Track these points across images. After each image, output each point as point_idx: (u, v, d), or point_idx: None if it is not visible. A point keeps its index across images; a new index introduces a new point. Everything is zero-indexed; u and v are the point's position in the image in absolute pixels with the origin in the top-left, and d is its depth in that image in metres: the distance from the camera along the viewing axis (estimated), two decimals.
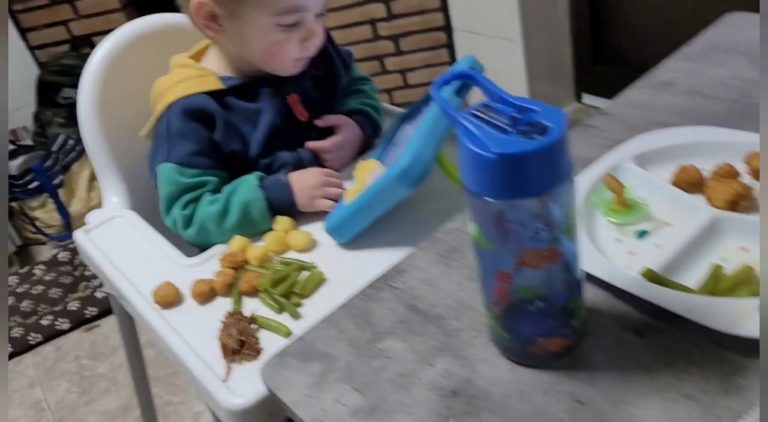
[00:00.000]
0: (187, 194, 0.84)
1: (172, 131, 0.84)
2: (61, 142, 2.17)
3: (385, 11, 2.37)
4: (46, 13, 2.38)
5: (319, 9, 0.84)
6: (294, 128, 0.90)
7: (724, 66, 0.85)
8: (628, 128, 0.78)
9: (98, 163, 0.97)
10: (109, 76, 0.97)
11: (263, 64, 0.87)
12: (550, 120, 0.45)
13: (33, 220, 2.17)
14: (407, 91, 2.55)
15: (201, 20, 0.83)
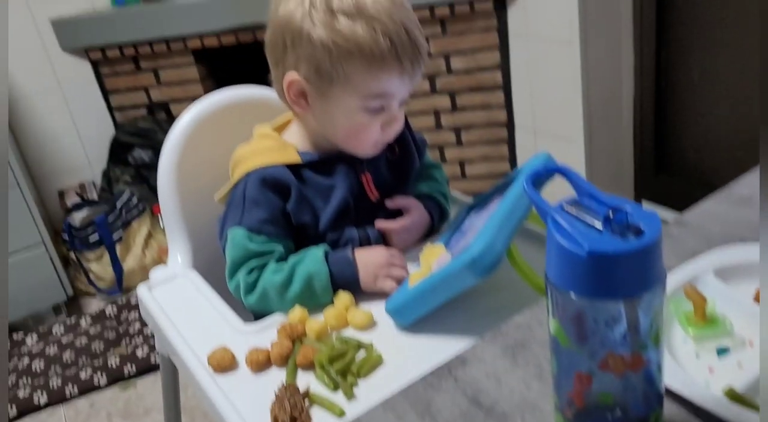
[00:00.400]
0: (253, 260, 0.85)
1: (248, 197, 0.86)
2: (126, 199, 2.25)
3: (449, 103, 2.44)
4: (130, 78, 2.52)
5: (404, 97, 0.87)
6: (364, 206, 0.92)
7: None
8: (706, 240, 0.76)
9: (169, 221, 1.00)
10: (190, 140, 1.01)
11: (343, 144, 0.89)
12: (644, 222, 0.45)
13: (87, 272, 2.21)
14: (464, 183, 2.57)
15: (291, 96, 0.86)
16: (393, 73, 0.81)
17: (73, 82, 2.48)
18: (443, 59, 2.37)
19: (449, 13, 2.25)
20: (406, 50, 0.81)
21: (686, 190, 2.13)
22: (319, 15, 0.80)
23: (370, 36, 0.79)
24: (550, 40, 2.11)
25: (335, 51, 0.80)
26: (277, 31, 0.85)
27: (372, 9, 0.80)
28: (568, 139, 2.21)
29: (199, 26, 2.35)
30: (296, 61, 0.83)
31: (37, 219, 2.04)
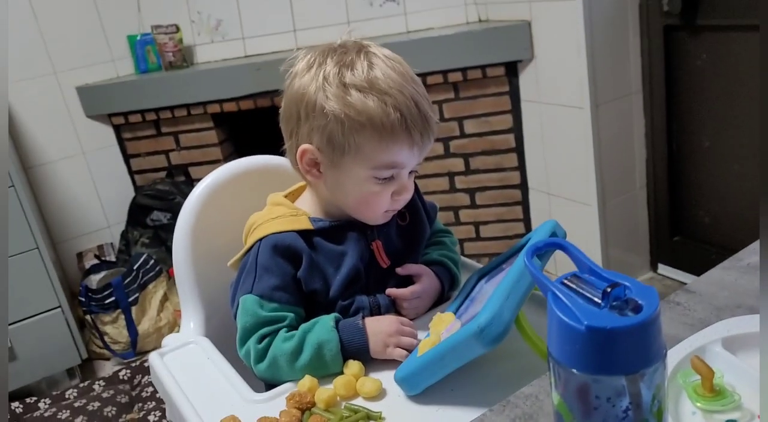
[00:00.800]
0: (263, 328, 0.85)
1: (260, 264, 0.88)
2: (142, 261, 2.27)
3: (463, 165, 2.47)
4: (151, 142, 2.59)
5: (414, 167, 0.89)
6: (375, 273, 0.93)
7: None
8: (715, 309, 0.76)
9: (182, 288, 1.01)
10: (205, 209, 1.03)
11: (354, 212, 0.91)
12: (642, 298, 0.46)
13: (103, 335, 2.22)
14: (479, 244, 2.58)
15: (304, 166, 0.89)
16: (403, 144, 0.84)
17: (96, 147, 2.56)
18: (456, 122, 2.41)
19: (462, 78, 2.31)
20: (415, 123, 0.83)
21: (702, 253, 2.12)
22: (332, 89, 0.83)
23: (381, 109, 0.82)
24: (562, 105, 2.15)
25: (347, 123, 0.82)
26: (291, 103, 0.88)
27: (383, 84, 0.83)
28: (582, 202, 2.22)
29: (218, 92, 2.43)
30: (309, 132, 0.86)
31: (55, 282, 2.06)
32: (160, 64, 2.54)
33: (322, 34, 2.55)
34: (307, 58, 0.88)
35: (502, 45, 2.22)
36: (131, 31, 2.57)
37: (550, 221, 0.87)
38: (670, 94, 2.07)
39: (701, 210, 2.12)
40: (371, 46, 0.88)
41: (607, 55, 2.04)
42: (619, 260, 2.27)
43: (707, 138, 2.01)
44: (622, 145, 2.18)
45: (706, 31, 1.90)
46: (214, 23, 2.60)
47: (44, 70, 2.42)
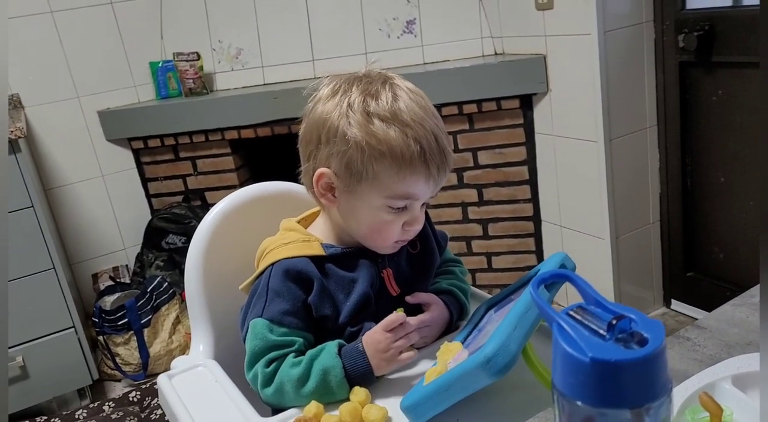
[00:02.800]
0: (272, 352, 0.86)
1: (271, 289, 0.88)
2: (156, 284, 2.29)
3: (477, 196, 2.47)
4: (169, 167, 2.62)
5: (427, 199, 0.90)
6: (385, 301, 0.93)
7: None
8: (725, 345, 0.76)
9: (193, 310, 1.02)
10: (218, 232, 1.04)
11: (365, 240, 0.92)
12: (648, 331, 0.46)
13: (114, 356, 2.23)
14: (490, 274, 2.57)
15: (319, 189, 0.90)
16: (420, 176, 0.85)
17: (115, 170, 2.60)
18: (470, 153, 2.42)
19: (477, 109, 2.33)
20: (434, 156, 0.85)
21: (716, 289, 2.10)
22: (356, 116, 0.84)
23: (402, 140, 0.83)
24: (576, 138, 2.16)
25: (368, 151, 0.84)
26: (312, 127, 0.89)
27: (406, 116, 0.84)
28: (594, 235, 2.21)
29: (237, 119, 2.47)
30: (328, 157, 0.87)
31: (69, 302, 2.08)
32: (181, 90, 2.59)
33: (340, 65, 2.60)
34: (332, 84, 0.89)
35: (517, 78, 2.24)
36: (153, 57, 2.63)
37: (559, 253, 0.87)
38: (684, 130, 2.07)
39: (716, 246, 2.10)
40: (395, 78, 0.90)
41: (621, 90, 2.05)
42: (631, 295, 2.26)
43: (722, 174, 2.01)
44: (636, 180, 2.18)
45: (721, 67, 1.91)
46: (234, 52, 2.65)
47: (67, 95, 2.47)
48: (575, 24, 2.03)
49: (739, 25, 1.80)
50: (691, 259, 2.21)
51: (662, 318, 2.28)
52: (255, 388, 0.87)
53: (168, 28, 2.66)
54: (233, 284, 0.97)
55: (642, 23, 2.03)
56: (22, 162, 1.96)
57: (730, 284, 2.06)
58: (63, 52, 2.45)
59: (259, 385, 0.85)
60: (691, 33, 1.89)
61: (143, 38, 2.61)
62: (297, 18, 2.57)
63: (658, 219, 2.25)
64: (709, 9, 1.90)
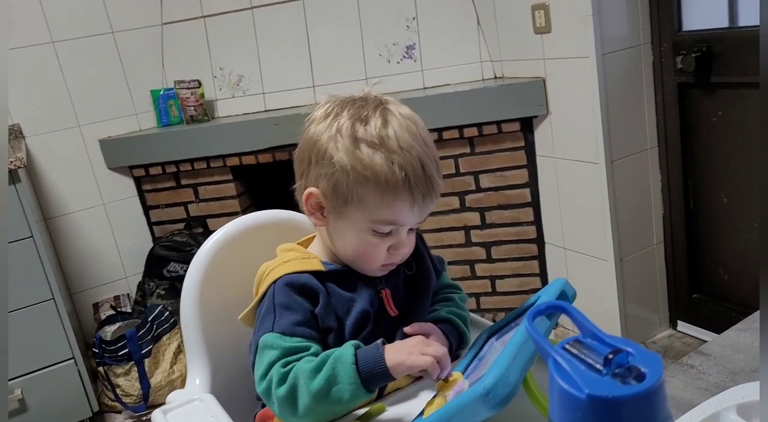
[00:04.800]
0: (290, 356, 0.83)
1: (277, 304, 0.87)
2: (157, 313, 2.27)
3: (479, 219, 2.46)
4: (171, 194, 2.63)
5: (414, 225, 0.89)
6: (384, 322, 0.92)
7: None
8: (729, 373, 0.74)
9: (189, 343, 1.00)
10: (215, 263, 1.03)
11: (352, 262, 0.91)
12: (645, 365, 0.44)
13: (115, 387, 2.21)
14: (495, 298, 2.55)
15: (308, 207, 0.90)
16: (404, 203, 0.85)
17: (116, 198, 2.60)
18: (472, 177, 2.42)
19: (478, 133, 2.33)
20: (419, 183, 0.84)
21: (722, 311, 2.08)
22: (343, 140, 0.85)
23: (388, 166, 0.83)
24: (577, 160, 2.16)
25: (353, 175, 0.84)
26: (305, 147, 0.90)
27: (393, 142, 0.84)
28: (598, 257, 2.20)
29: (238, 146, 2.47)
30: (317, 177, 0.88)
31: (69, 333, 2.07)
32: (182, 117, 2.60)
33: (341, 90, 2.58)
34: (325, 106, 0.90)
35: (517, 101, 2.24)
36: (155, 85, 2.64)
37: (559, 279, 0.86)
38: (685, 151, 2.07)
39: (720, 267, 2.08)
40: (390, 103, 0.90)
41: (621, 112, 2.05)
42: (637, 317, 2.23)
43: (725, 194, 2.00)
44: (638, 201, 2.17)
45: (720, 88, 1.91)
46: (235, 79, 2.66)
47: (69, 123, 2.49)
48: (573, 47, 2.03)
49: (737, 45, 1.80)
50: (696, 281, 2.18)
51: (668, 340, 2.26)
52: (267, 400, 0.84)
53: (169, 56, 2.68)
54: (231, 315, 0.96)
55: (640, 45, 2.04)
56: (22, 192, 1.96)
57: (736, 305, 2.03)
58: (64, 81, 2.47)
59: (273, 386, 0.82)
60: (689, 54, 1.89)
61: (144, 66, 2.63)
62: (298, 44, 2.59)
63: (662, 241, 2.23)
64: (706, 30, 1.90)
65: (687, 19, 1.96)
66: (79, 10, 2.46)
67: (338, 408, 0.82)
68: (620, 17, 1.99)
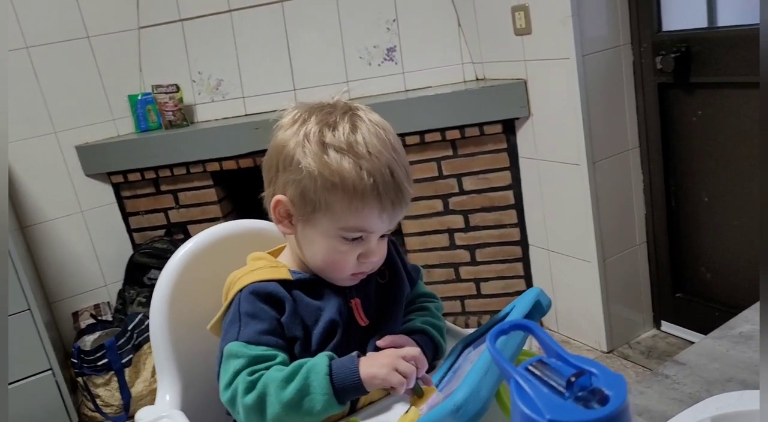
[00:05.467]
0: (256, 365, 0.82)
1: (243, 313, 0.86)
2: (137, 321, 2.24)
3: (463, 222, 2.45)
4: (150, 201, 2.59)
5: (384, 232, 0.88)
6: (353, 331, 0.90)
7: None
8: (705, 383, 0.73)
9: (159, 358, 0.98)
10: (185, 275, 1.01)
11: (321, 271, 0.90)
12: (609, 387, 0.43)
13: (95, 398, 2.18)
14: (480, 301, 2.54)
15: (276, 215, 0.89)
16: (373, 209, 0.83)
17: (94, 205, 2.57)
18: (455, 179, 2.41)
19: (460, 135, 2.32)
20: (387, 190, 0.83)
21: (705, 310, 2.08)
22: (311, 146, 0.83)
23: (356, 172, 0.82)
24: (559, 162, 2.15)
25: (320, 181, 0.83)
26: (272, 154, 0.89)
27: (362, 148, 0.83)
28: (581, 258, 2.19)
29: (218, 151, 2.45)
30: (285, 184, 0.87)
31: (47, 344, 2.04)
32: (161, 123, 2.57)
33: (322, 93, 2.55)
34: (293, 113, 0.89)
35: (499, 103, 2.23)
36: (132, 90, 2.61)
37: (534, 289, 0.84)
38: (667, 150, 2.06)
39: (702, 266, 2.08)
40: (360, 110, 0.89)
41: (602, 113, 2.04)
42: (621, 317, 2.23)
43: (706, 193, 1.99)
44: (620, 201, 2.16)
45: (699, 88, 1.90)
46: (214, 83, 2.64)
47: (45, 130, 2.45)
48: (554, 48, 2.02)
49: (715, 45, 1.80)
50: (679, 280, 2.18)
51: (652, 340, 2.25)
52: (232, 409, 0.82)
53: (147, 61, 2.64)
54: (203, 328, 0.94)
55: (619, 46, 2.03)
56: None
57: (719, 304, 2.03)
58: (39, 87, 2.43)
59: (239, 395, 0.80)
60: (668, 55, 1.88)
61: (121, 71, 2.60)
62: (277, 47, 2.56)
63: (645, 241, 2.23)
64: (685, 31, 1.90)
65: (666, 19, 1.96)
66: (54, 14, 2.42)
67: (308, 419, 0.80)
68: (600, 18, 1.99)
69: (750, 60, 1.72)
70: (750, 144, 1.82)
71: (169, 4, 2.58)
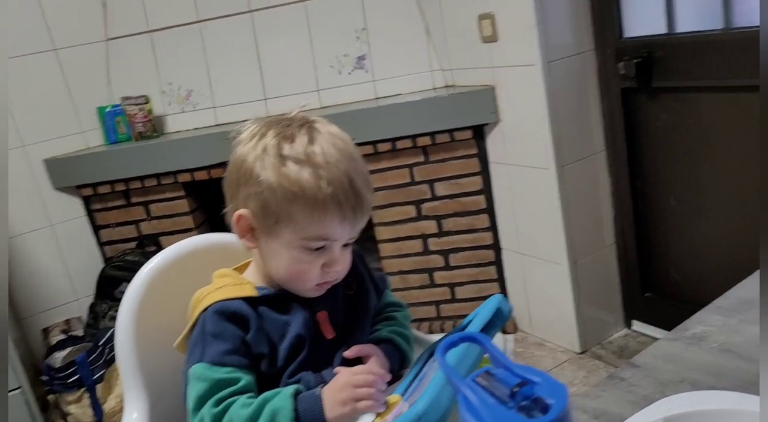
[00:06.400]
0: (220, 391, 0.82)
1: (207, 333, 0.86)
2: (109, 336, 2.22)
3: (436, 227, 2.47)
4: (121, 213, 2.58)
5: (347, 240, 0.89)
6: (320, 345, 0.91)
7: (758, 324, 0.82)
8: (659, 384, 0.75)
9: (126, 376, 0.98)
10: (151, 291, 1.01)
11: (286, 283, 0.91)
12: (551, 395, 0.44)
13: (66, 415, 2.15)
14: (454, 305, 2.56)
15: (239, 230, 0.90)
16: (334, 218, 0.84)
17: (64, 219, 2.54)
18: (427, 185, 2.43)
19: (431, 141, 2.34)
20: (347, 198, 0.84)
21: (674, 309, 2.12)
22: (270, 159, 0.85)
23: (314, 182, 0.83)
24: (528, 166, 2.18)
25: (280, 192, 0.84)
26: (232, 169, 0.90)
27: (320, 158, 0.84)
28: (553, 260, 2.22)
29: (189, 161, 2.44)
30: (246, 198, 0.87)
31: (15, 362, 2.00)
32: (131, 134, 2.56)
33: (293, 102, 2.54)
34: (252, 127, 0.90)
35: (468, 109, 2.25)
36: (101, 102, 2.59)
37: (495, 297, 0.86)
38: (633, 154, 2.10)
39: (670, 266, 2.12)
40: (317, 122, 0.90)
41: (569, 117, 2.08)
42: (593, 318, 2.26)
43: (672, 195, 2.03)
44: (589, 204, 2.19)
45: (662, 92, 1.94)
46: (184, 93, 2.63)
47: (12, 144, 2.42)
48: (520, 55, 2.05)
49: (676, 51, 1.84)
50: (648, 280, 2.22)
51: (624, 340, 2.29)
52: None
53: (115, 73, 2.63)
54: (170, 344, 0.94)
55: (584, 52, 2.07)
56: None
57: (687, 303, 2.07)
58: (5, 100, 2.40)
59: None
60: (630, 60, 1.92)
61: (90, 83, 2.58)
62: (247, 57, 2.57)
63: (614, 243, 2.27)
64: (646, 37, 1.94)
65: (628, 25, 2.00)
66: (19, 27, 2.39)
67: None
68: (564, 25, 2.02)
69: (709, 64, 1.77)
70: (712, 146, 1.86)
71: (137, 15, 2.57)
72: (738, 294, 0.92)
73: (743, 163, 1.80)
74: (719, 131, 1.83)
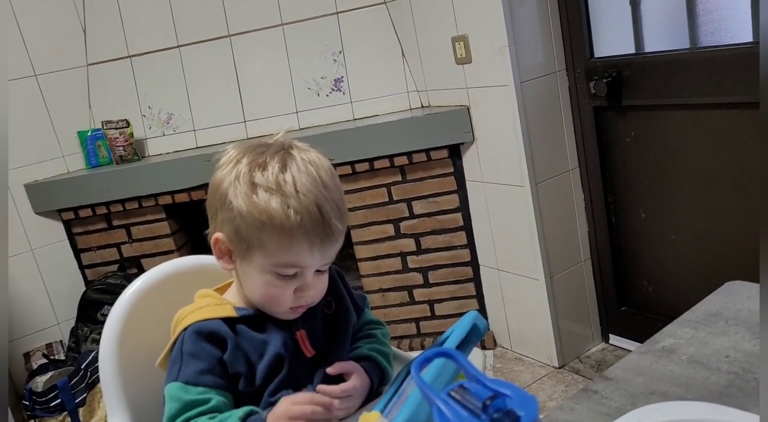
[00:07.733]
0: (189, 411, 0.85)
1: (185, 352, 0.89)
2: (92, 359, 2.22)
3: (414, 245, 2.50)
4: (102, 236, 2.58)
5: (319, 267, 0.91)
6: (300, 363, 0.93)
7: (726, 336, 0.86)
8: (630, 396, 0.78)
9: (109, 397, 0.99)
10: (134, 313, 1.03)
11: (261, 305, 0.93)
12: (522, 408, 0.47)
13: None
14: (434, 322, 2.59)
15: (217, 252, 0.93)
16: (302, 246, 0.86)
17: (45, 243, 2.54)
18: (405, 204, 2.46)
19: (408, 161, 2.37)
20: (316, 227, 0.86)
21: (649, 322, 2.16)
22: (241, 187, 0.87)
23: (283, 211, 0.85)
24: (503, 184, 2.22)
25: (249, 220, 0.86)
26: (211, 192, 0.93)
27: (289, 187, 0.86)
28: (529, 276, 2.26)
29: (170, 184, 2.45)
30: (222, 222, 0.90)
31: None
32: (111, 158, 2.57)
33: (272, 124, 2.63)
34: (229, 153, 0.92)
35: (444, 129, 2.30)
36: (82, 127, 2.60)
37: (470, 313, 0.89)
38: (605, 170, 2.16)
39: (644, 279, 2.17)
40: (294, 148, 0.91)
41: (542, 136, 2.13)
42: (570, 332, 2.30)
43: (643, 210, 2.09)
44: (564, 220, 2.24)
45: (631, 110, 2.00)
46: (165, 117, 2.65)
47: None
48: (493, 76, 2.11)
49: (644, 70, 1.90)
50: (623, 294, 2.27)
51: (602, 354, 2.33)
52: None
53: (96, 97, 2.64)
54: (152, 365, 0.96)
55: (555, 73, 2.13)
56: None
57: (662, 316, 2.12)
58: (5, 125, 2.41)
59: None
60: (600, 80, 1.98)
61: (70, 108, 2.59)
62: (227, 80, 2.59)
63: (589, 257, 2.31)
64: (616, 57, 2.00)
65: (597, 46, 2.06)
66: None
67: None
68: (535, 47, 2.08)
69: (675, 83, 1.83)
70: (680, 161, 1.92)
71: (117, 40, 2.60)
72: (705, 308, 0.96)
73: (709, 177, 1.86)
74: (686, 147, 1.89)
